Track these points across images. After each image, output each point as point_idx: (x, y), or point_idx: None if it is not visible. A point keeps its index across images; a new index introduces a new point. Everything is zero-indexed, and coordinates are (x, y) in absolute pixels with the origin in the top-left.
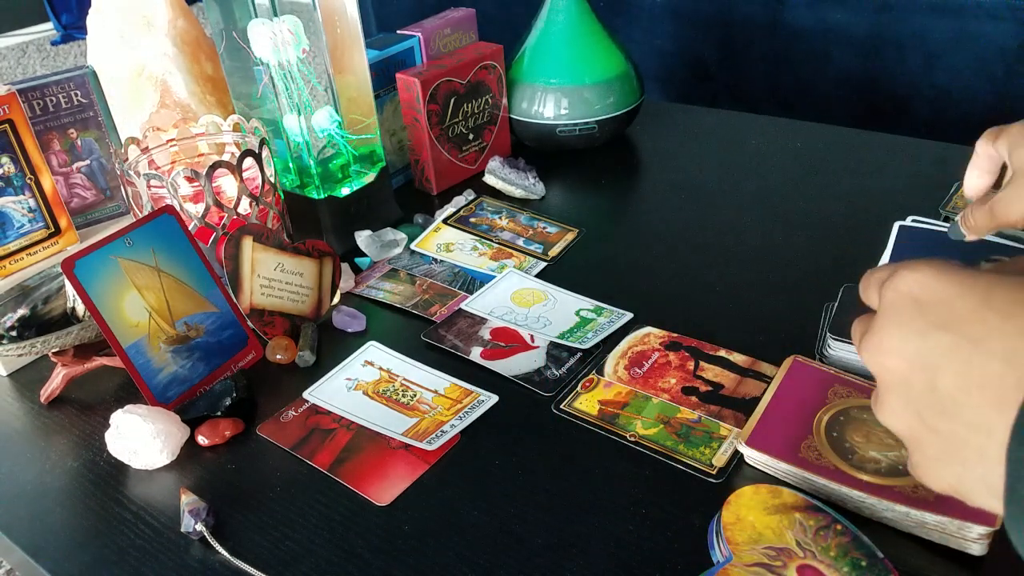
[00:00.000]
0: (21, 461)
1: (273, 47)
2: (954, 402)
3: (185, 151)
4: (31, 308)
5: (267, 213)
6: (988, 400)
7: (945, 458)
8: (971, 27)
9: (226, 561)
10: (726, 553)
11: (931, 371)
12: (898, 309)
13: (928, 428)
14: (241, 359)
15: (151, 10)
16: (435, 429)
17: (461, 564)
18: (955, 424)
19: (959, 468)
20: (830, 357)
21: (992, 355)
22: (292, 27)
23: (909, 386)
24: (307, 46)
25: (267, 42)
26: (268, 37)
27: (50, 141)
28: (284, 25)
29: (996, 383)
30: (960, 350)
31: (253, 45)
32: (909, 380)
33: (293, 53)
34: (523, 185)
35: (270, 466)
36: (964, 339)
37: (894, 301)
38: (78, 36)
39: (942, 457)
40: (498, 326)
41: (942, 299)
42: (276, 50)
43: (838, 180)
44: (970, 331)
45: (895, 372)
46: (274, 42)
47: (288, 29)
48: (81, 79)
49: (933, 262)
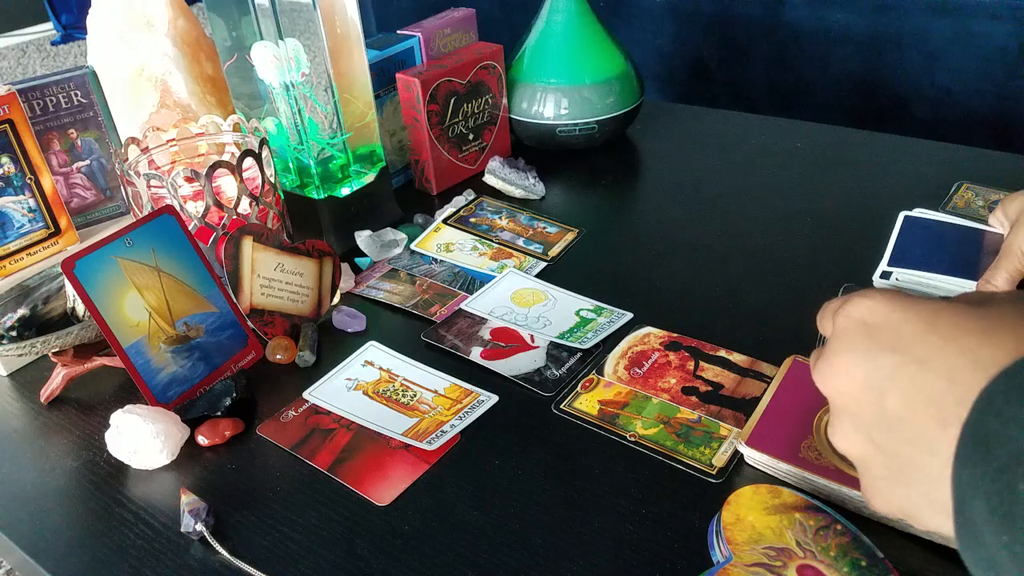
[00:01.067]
0: (21, 461)
1: (278, 69)
2: (900, 420)
3: (185, 151)
4: (31, 308)
5: (267, 213)
6: (931, 417)
7: (892, 478)
8: (971, 27)
9: (226, 561)
10: (726, 553)
11: (879, 392)
12: (849, 334)
13: (876, 448)
14: (241, 359)
15: (151, 10)
16: (435, 429)
17: (461, 564)
18: (901, 442)
19: (906, 488)
20: None
21: (936, 374)
22: (293, 50)
23: (859, 407)
24: (306, 69)
25: (271, 65)
26: (271, 60)
27: (50, 141)
28: (287, 48)
29: (939, 400)
30: (906, 370)
31: (257, 68)
32: (859, 401)
33: (295, 75)
34: (523, 185)
35: (270, 466)
36: (910, 359)
37: (846, 327)
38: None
39: (889, 477)
40: (498, 326)
41: (890, 324)
42: (280, 72)
43: (838, 180)
44: (916, 352)
45: (846, 394)
46: (277, 65)
47: (289, 53)
48: (81, 79)
49: (884, 291)
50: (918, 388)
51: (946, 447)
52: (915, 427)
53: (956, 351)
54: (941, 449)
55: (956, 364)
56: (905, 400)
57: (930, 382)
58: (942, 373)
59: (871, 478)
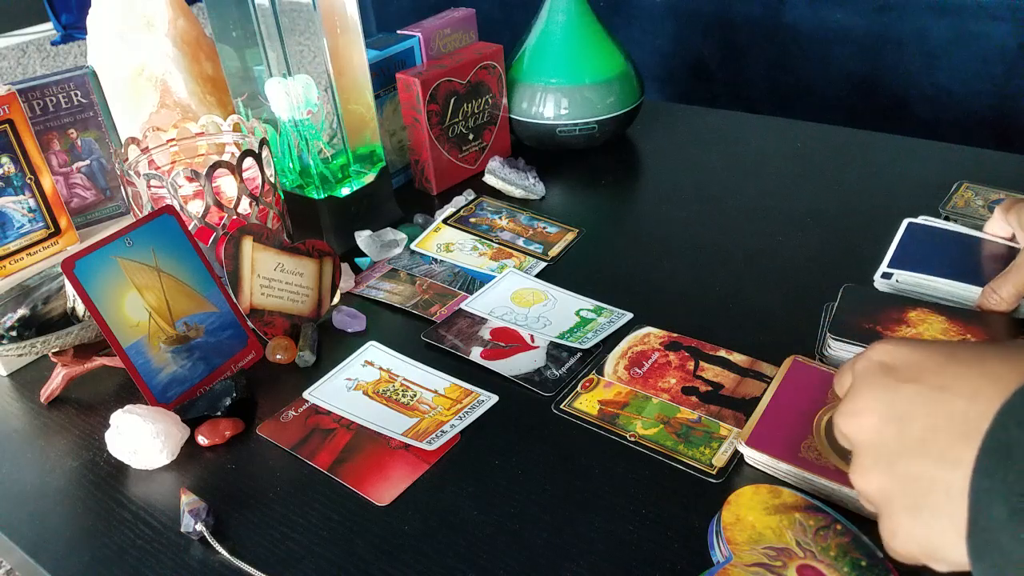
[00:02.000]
0: (21, 461)
1: (289, 105)
2: (922, 442)
3: (185, 151)
4: (31, 308)
5: (267, 213)
6: (954, 434)
7: (915, 509)
8: (971, 27)
9: (226, 561)
10: (726, 553)
11: (901, 421)
12: (871, 374)
13: (898, 479)
14: (241, 359)
15: (151, 10)
16: (435, 429)
17: (461, 564)
18: (924, 464)
19: (929, 517)
20: (830, 357)
21: (958, 395)
22: (304, 87)
23: (882, 439)
24: (313, 108)
25: (283, 100)
26: (283, 96)
27: (50, 141)
28: (298, 85)
29: (960, 417)
30: (928, 396)
31: (271, 103)
32: (882, 433)
33: (302, 112)
34: (523, 185)
35: (270, 466)
36: (931, 387)
37: (867, 368)
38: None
39: (912, 508)
40: (498, 326)
41: (910, 361)
42: (290, 108)
43: (838, 180)
44: (937, 381)
45: (868, 429)
46: (288, 102)
47: (299, 90)
48: (81, 79)
49: (901, 337)
50: (940, 410)
51: (968, 459)
52: (938, 445)
53: (977, 374)
54: (964, 463)
55: (978, 384)
56: (927, 423)
57: (952, 402)
58: (964, 394)
59: (893, 515)
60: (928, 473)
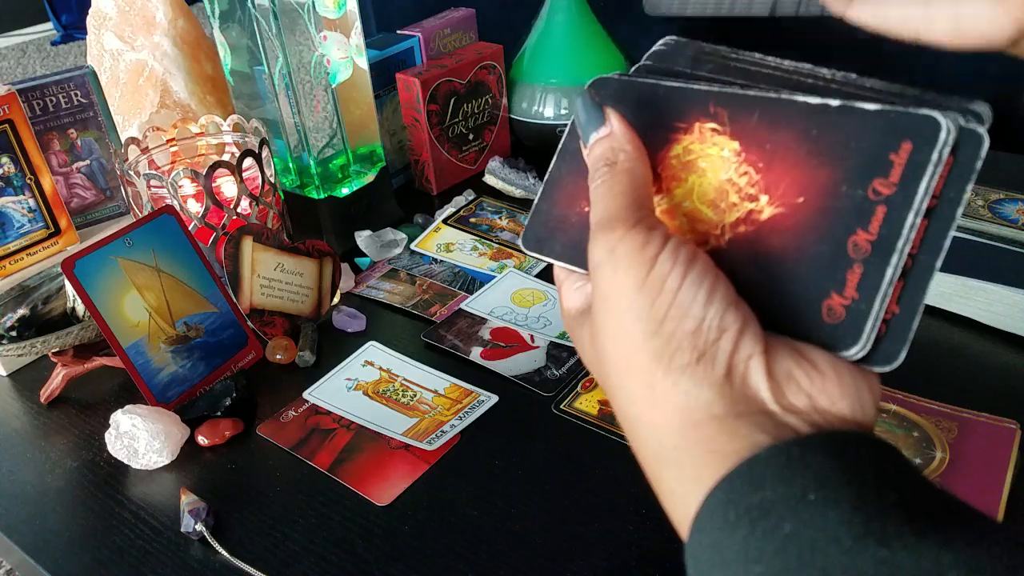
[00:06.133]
0: (21, 461)
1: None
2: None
3: (185, 151)
4: (31, 308)
5: (267, 213)
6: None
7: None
8: None
9: (226, 561)
10: None
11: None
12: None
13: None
14: (241, 359)
15: (151, 10)
16: (435, 429)
17: (461, 564)
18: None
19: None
20: None
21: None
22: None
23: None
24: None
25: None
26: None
27: (50, 141)
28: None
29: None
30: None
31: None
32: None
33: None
34: (523, 185)
35: (270, 466)
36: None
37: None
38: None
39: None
40: (498, 326)
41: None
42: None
43: None
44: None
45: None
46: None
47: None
48: (81, 79)
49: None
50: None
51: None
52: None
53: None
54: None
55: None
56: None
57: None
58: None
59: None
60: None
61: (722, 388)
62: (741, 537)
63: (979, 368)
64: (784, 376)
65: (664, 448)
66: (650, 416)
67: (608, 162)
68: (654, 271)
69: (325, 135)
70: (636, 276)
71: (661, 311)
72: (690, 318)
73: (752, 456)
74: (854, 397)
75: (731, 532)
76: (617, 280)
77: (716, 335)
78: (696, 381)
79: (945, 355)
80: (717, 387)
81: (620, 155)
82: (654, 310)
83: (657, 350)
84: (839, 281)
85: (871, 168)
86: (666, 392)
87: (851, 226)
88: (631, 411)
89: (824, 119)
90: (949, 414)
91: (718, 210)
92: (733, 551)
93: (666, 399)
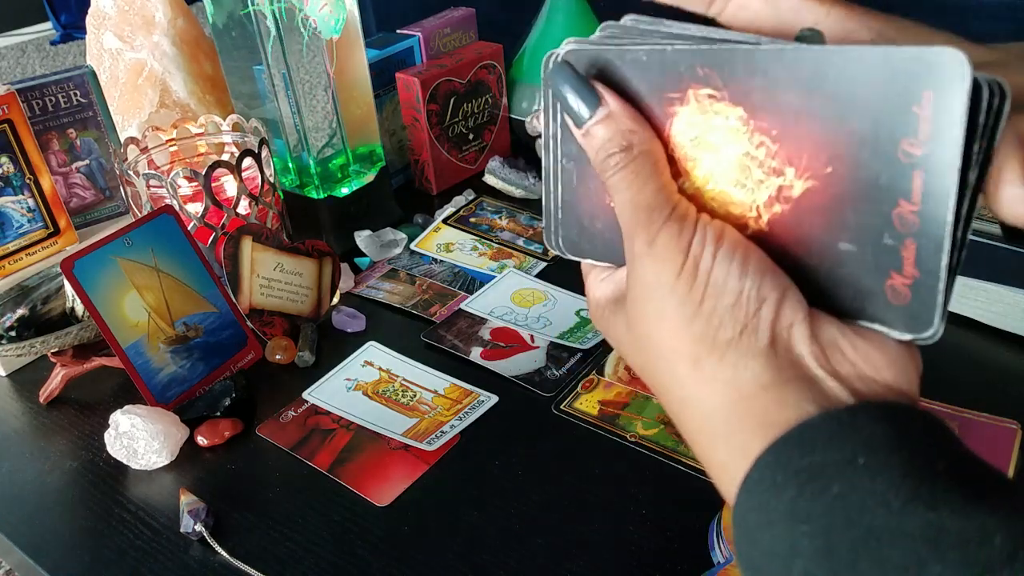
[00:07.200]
0: (21, 461)
1: None
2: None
3: (185, 151)
4: (30, 308)
5: (266, 213)
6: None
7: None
8: (971, 27)
9: (226, 561)
10: (727, 554)
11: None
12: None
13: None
14: (240, 359)
15: (151, 10)
16: (435, 429)
17: (461, 564)
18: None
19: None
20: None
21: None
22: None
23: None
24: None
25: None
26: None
27: (49, 141)
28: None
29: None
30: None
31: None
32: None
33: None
34: (523, 185)
35: (270, 466)
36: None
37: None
38: (78, 36)
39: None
40: (498, 326)
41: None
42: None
43: None
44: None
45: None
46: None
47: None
48: (80, 79)
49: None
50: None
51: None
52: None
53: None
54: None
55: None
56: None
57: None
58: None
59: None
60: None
61: (768, 357)
62: (789, 498)
63: (979, 368)
64: (829, 343)
65: (715, 424)
66: (699, 395)
67: (621, 147)
68: (690, 256)
69: (325, 135)
70: (675, 264)
71: (699, 293)
72: (728, 293)
73: (802, 422)
74: (899, 367)
75: (778, 493)
76: (656, 271)
77: (756, 305)
78: (742, 353)
79: (945, 355)
80: (763, 357)
81: (633, 137)
82: (693, 293)
83: (700, 330)
84: (896, 259)
85: (895, 127)
86: (713, 369)
87: (892, 198)
88: (680, 394)
89: (826, 69)
90: (949, 414)
91: (746, 190)
92: (780, 511)
93: (714, 376)
